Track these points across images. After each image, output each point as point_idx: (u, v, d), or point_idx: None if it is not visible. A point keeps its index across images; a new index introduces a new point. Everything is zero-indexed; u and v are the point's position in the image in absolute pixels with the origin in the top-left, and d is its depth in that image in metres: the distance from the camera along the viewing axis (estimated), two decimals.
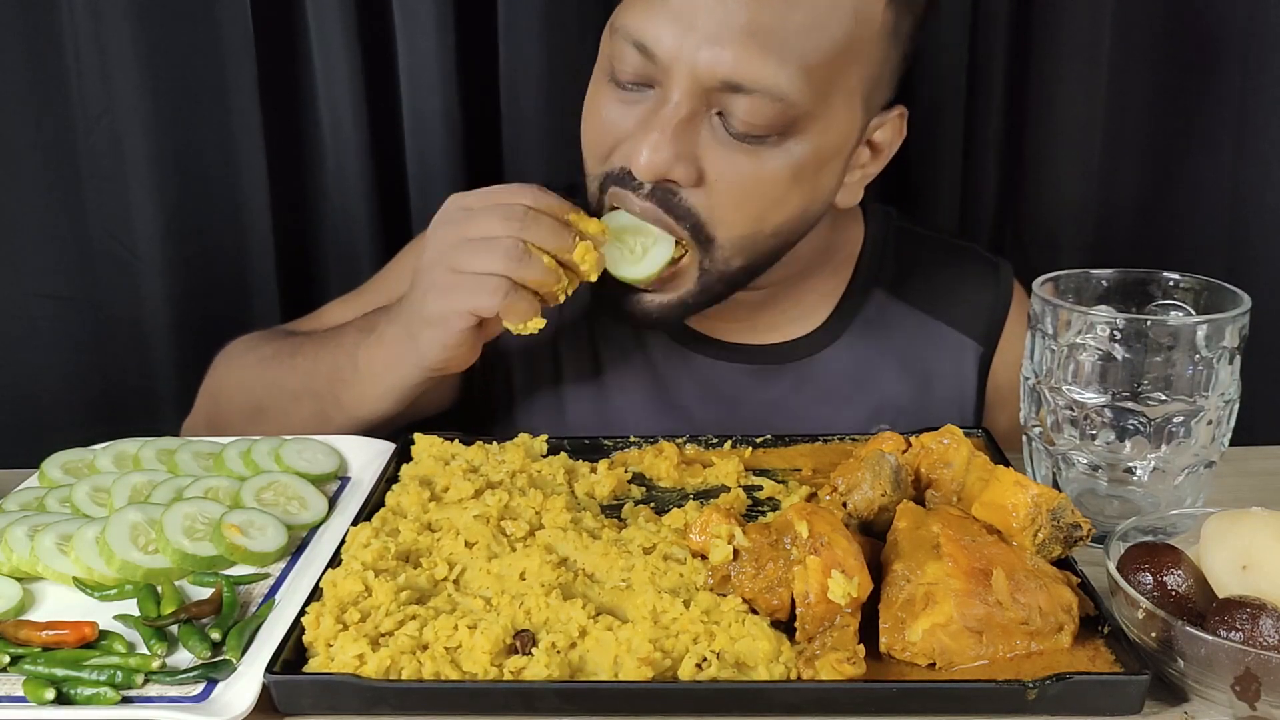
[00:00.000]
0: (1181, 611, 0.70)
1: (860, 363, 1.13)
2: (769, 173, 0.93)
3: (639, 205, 0.95)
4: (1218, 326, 0.83)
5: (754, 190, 0.94)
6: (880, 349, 1.14)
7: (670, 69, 0.90)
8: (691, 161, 0.92)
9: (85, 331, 1.44)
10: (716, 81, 0.89)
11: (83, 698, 0.68)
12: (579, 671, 0.70)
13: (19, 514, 0.88)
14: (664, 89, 0.92)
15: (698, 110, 0.91)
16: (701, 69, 0.89)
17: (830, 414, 1.12)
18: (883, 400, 1.13)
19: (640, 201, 0.95)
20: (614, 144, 0.96)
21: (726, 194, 0.94)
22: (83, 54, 1.33)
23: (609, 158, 0.97)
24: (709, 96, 0.90)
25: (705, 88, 0.90)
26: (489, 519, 0.84)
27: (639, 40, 0.90)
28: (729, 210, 0.94)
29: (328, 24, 1.33)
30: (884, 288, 1.15)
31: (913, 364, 1.14)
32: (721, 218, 0.95)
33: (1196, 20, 1.41)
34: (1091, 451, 0.88)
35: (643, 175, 0.92)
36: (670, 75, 0.90)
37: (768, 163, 0.93)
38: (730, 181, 0.93)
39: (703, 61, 0.88)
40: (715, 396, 1.13)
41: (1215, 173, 1.46)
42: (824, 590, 0.72)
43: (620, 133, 0.95)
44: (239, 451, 0.97)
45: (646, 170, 0.92)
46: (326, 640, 0.71)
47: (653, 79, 0.92)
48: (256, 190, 1.39)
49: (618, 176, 0.96)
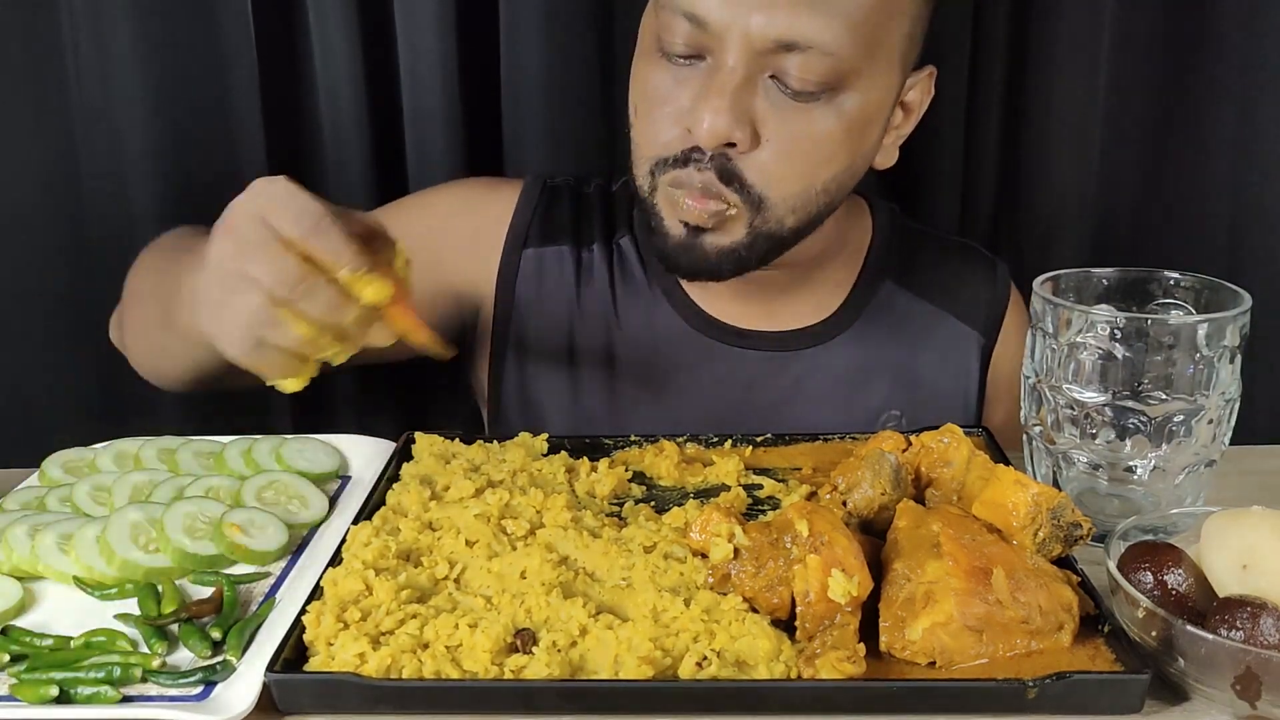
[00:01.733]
0: (1182, 610, 0.70)
1: (871, 350, 1.16)
2: (821, 129, 0.95)
3: (699, 178, 0.96)
4: (1218, 325, 0.83)
5: (808, 147, 0.96)
6: (890, 337, 1.16)
7: (723, 35, 0.91)
8: (749, 123, 0.93)
9: (85, 331, 1.44)
10: (769, 43, 0.90)
11: (83, 697, 0.68)
12: (579, 670, 0.70)
13: (19, 513, 0.88)
14: (717, 56, 0.93)
15: (752, 73, 0.92)
16: (754, 32, 0.90)
17: (841, 400, 1.14)
18: (892, 387, 1.16)
19: (700, 175, 0.95)
20: (673, 118, 0.96)
21: (782, 152, 0.95)
22: (83, 54, 1.33)
23: (667, 138, 0.97)
24: (762, 59, 0.92)
25: (758, 50, 0.91)
26: (490, 518, 0.84)
27: (689, 11, 0.91)
28: (784, 168, 0.96)
29: (328, 24, 1.33)
30: (892, 279, 1.18)
31: (921, 352, 1.17)
32: (777, 176, 0.96)
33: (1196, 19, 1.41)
34: (1092, 450, 0.88)
35: (705, 142, 0.93)
36: (724, 42, 0.91)
37: (820, 120, 0.95)
38: (785, 140, 0.95)
39: (755, 24, 0.90)
40: (730, 382, 1.15)
41: (1215, 173, 1.46)
42: (824, 589, 0.72)
43: (680, 108, 0.96)
44: (240, 450, 0.97)
45: (709, 136, 0.93)
46: (327, 639, 0.71)
47: (704, 48, 0.93)
48: None
49: (675, 159, 0.96)
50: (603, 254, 1.16)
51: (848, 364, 1.15)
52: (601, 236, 1.17)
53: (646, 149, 0.99)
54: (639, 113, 1.00)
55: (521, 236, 1.16)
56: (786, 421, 1.11)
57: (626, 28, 1.35)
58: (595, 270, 1.15)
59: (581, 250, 1.16)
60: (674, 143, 0.97)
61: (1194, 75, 1.43)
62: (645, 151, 1.00)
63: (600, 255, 1.16)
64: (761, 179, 0.96)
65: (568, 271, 1.15)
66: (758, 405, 1.14)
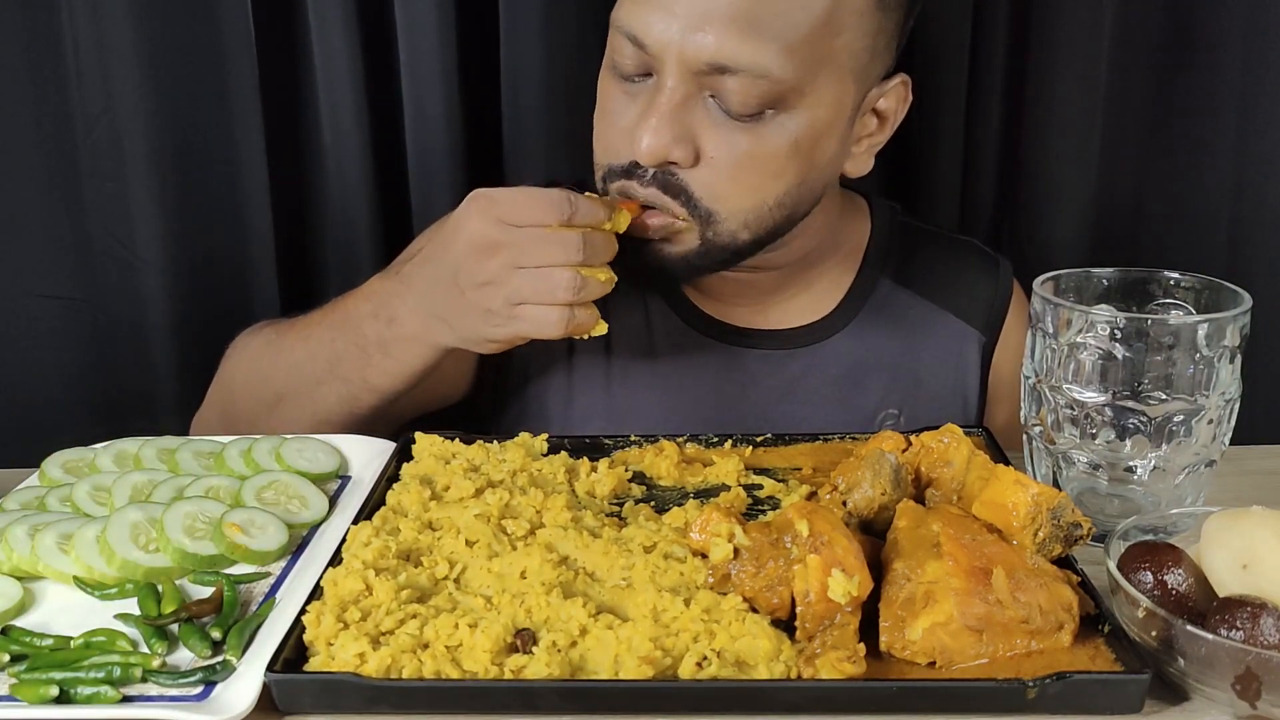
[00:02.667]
0: (1182, 610, 0.70)
1: (869, 348, 1.16)
2: (765, 148, 0.96)
3: (642, 192, 0.98)
4: (1218, 325, 0.83)
5: (750, 165, 0.97)
6: (888, 335, 1.17)
7: (661, 56, 0.93)
8: (689, 142, 0.95)
9: (85, 331, 1.44)
10: (703, 65, 0.92)
11: (83, 697, 0.68)
12: (579, 670, 0.70)
13: (19, 513, 0.88)
14: (659, 77, 0.95)
15: (691, 93, 0.94)
16: (689, 54, 0.92)
17: (839, 399, 1.15)
18: (891, 385, 1.16)
19: (643, 189, 0.98)
20: (620, 136, 0.98)
21: (724, 170, 0.97)
22: (83, 54, 1.33)
23: (616, 150, 0.99)
24: (699, 79, 0.94)
25: (694, 71, 0.93)
26: (489, 518, 0.84)
27: (631, 32, 0.94)
28: (729, 185, 0.97)
29: (328, 24, 1.33)
30: (890, 277, 1.18)
31: (919, 351, 1.17)
32: (723, 192, 0.98)
33: (1196, 19, 1.41)
34: (1092, 450, 0.88)
35: (644, 159, 0.96)
36: (662, 62, 0.94)
37: (763, 138, 0.96)
38: (728, 158, 0.96)
39: (689, 47, 0.92)
40: (728, 380, 1.15)
41: (1215, 172, 1.46)
42: (824, 589, 0.71)
43: (625, 124, 0.98)
44: (240, 450, 0.97)
45: (647, 154, 0.95)
46: (327, 639, 0.71)
47: (650, 68, 0.95)
48: (257, 190, 1.39)
49: (622, 170, 0.99)
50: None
51: (846, 362, 1.15)
52: None
53: (599, 157, 1.03)
54: (595, 124, 1.03)
55: None
56: (784, 420, 1.11)
57: None
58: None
59: None
60: (621, 155, 0.99)
61: (1194, 75, 1.43)
62: (599, 159, 1.03)
63: None
64: (708, 194, 0.97)
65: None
66: (756, 403, 1.14)
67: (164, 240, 1.39)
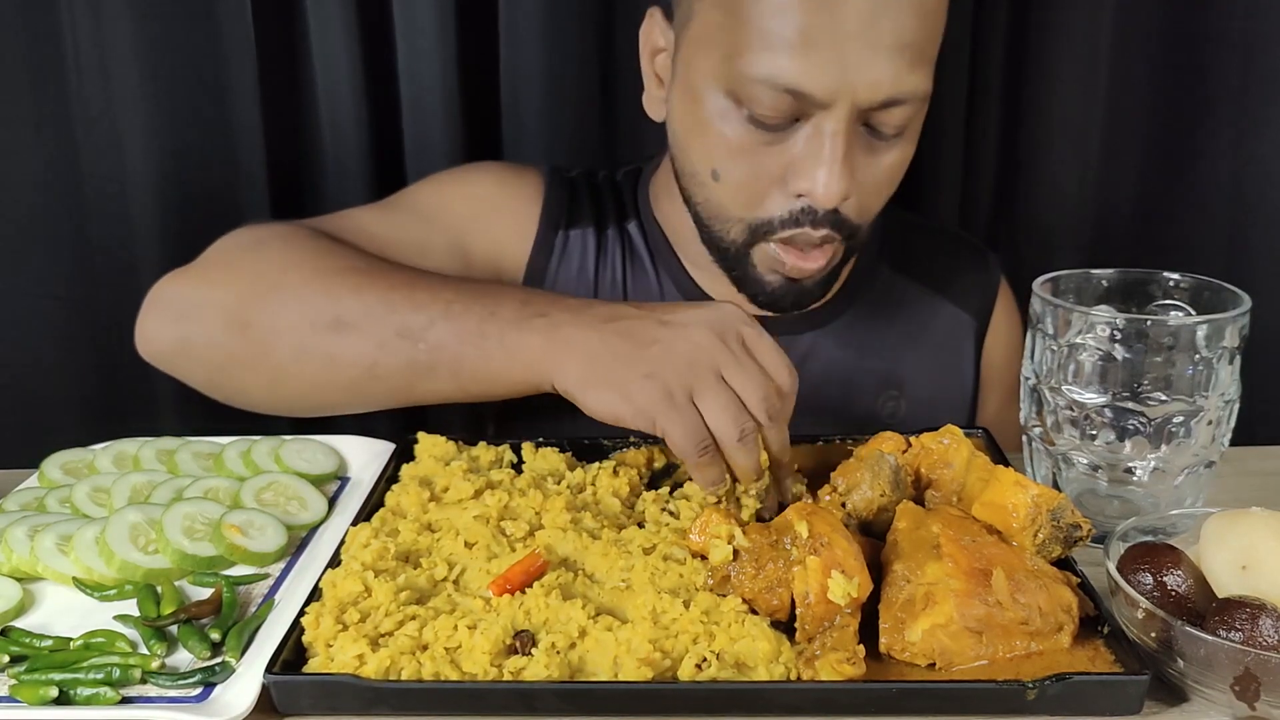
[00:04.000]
0: (1181, 611, 0.70)
1: (870, 332, 1.17)
2: (900, 157, 0.99)
3: (816, 235, 0.98)
4: (1218, 326, 0.83)
5: (890, 177, 0.99)
6: (888, 319, 1.18)
7: (830, 104, 0.91)
8: (855, 176, 0.95)
9: (85, 331, 1.44)
10: (876, 103, 0.92)
11: (82, 698, 0.68)
12: (579, 672, 0.70)
13: (19, 514, 0.88)
14: (819, 120, 0.92)
15: (854, 130, 0.94)
16: (862, 96, 0.90)
17: (842, 381, 1.16)
18: (891, 369, 1.18)
19: (817, 232, 0.97)
20: (769, 185, 0.97)
21: (873, 190, 0.99)
22: (83, 54, 1.33)
23: (765, 201, 0.98)
24: (863, 114, 0.93)
25: (864, 109, 0.92)
26: (489, 519, 0.84)
27: (791, 86, 0.90)
28: (875, 201, 1.00)
29: (328, 24, 1.33)
30: (888, 264, 1.20)
31: (917, 335, 1.19)
32: (869, 208, 1.00)
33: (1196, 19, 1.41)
34: (1091, 451, 0.88)
35: (825, 204, 0.94)
36: (829, 109, 0.91)
37: (900, 150, 0.98)
38: (875, 178, 0.98)
39: (863, 89, 0.90)
40: None
41: (1215, 173, 1.46)
42: (824, 590, 0.71)
43: (774, 172, 0.96)
44: (239, 452, 0.97)
45: (830, 198, 0.94)
46: (326, 640, 0.71)
47: (803, 114, 0.93)
48: (256, 190, 1.39)
49: (788, 220, 0.97)
50: (615, 237, 1.17)
51: (847, 347, 1.17)
52: (614, 221, 1.18)
53: (738, 211, 1.00)
54: (724, 176, 0.98)
55: (555, 217, 1.16)
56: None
57: (627, 27, 1.35)
58: (610, 254, 1.17)
59: (601, 234, 1.17)
60: (777, 207, 0.97)
61: (1193, 75, 1.43)
62: (736, 213, 1.00)
63: (614, 239, 1.17)
64: (858, 214, 0.99)
65: (590, 254, 1.16)
66: None
67: (164, 240, 1.39)
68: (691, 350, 0.82)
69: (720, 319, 0.85)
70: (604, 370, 0.83)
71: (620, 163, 1.26)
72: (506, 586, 0.76)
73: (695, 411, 0.81)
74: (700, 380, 0.81)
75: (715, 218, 1.02)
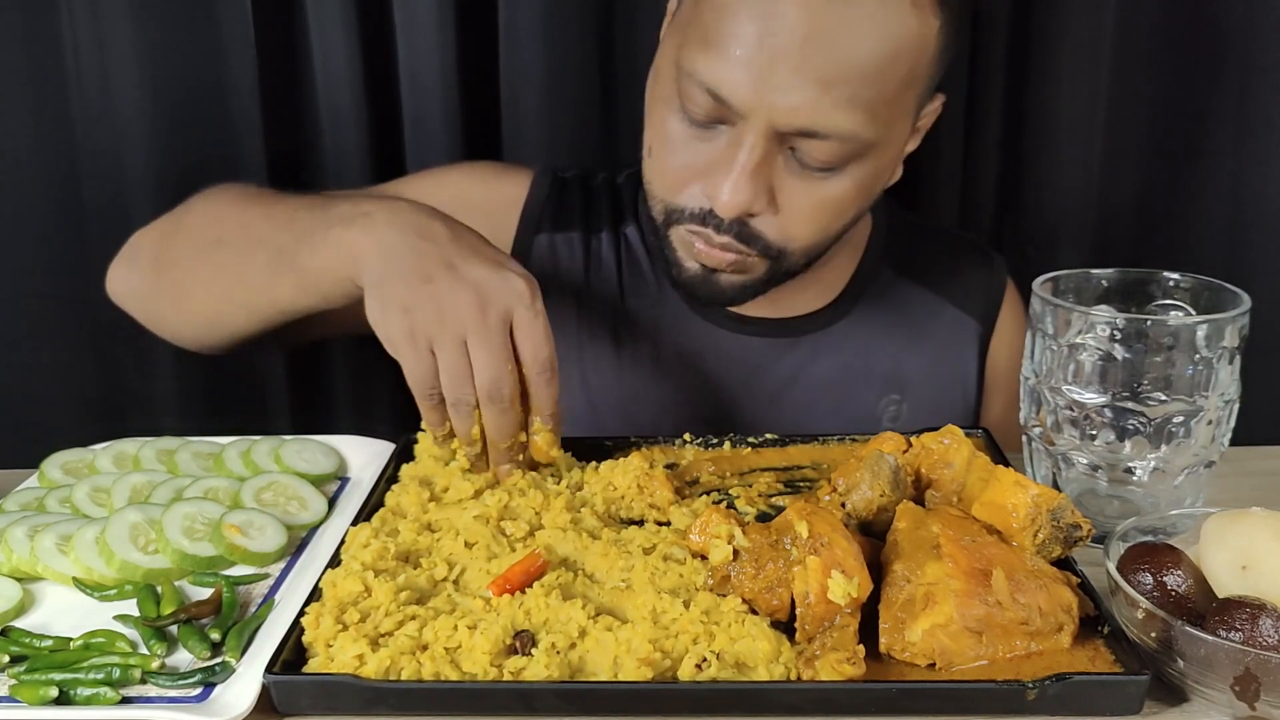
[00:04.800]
0: (1181, 611, 0.70)
1: (872, 336, 1.17)
2: (837, 193, 0.98)
3: (718, 239, 0.98)
4: (1218, 326, 0.83)
5: (823, 209, 0.99)
6: (891, 323, 1.18)
7: (746, 116, 0.92)
8: (767, 194, 0.96)
9: (85, 331, 1.44)
10: (793, 129, 0.92)
11: (82, 698, 0.68)
12: (579, 672, 0.70)
13: (19, 514, 0.88)
14: (738, 131, 0.94)
15: (772, 149, 0.94)
16: (778, 117, 0.91)
17: (844, 385, 1.16)
18: (893, 372, 1.18)
19: (719, 237, 0.98)
20: (689, 178, 0.98)
21: (799, 216, 0.98)
22: (83, 54, 1.33)
23: (682, 191, 0.99)
24: (782, 138, 0.93)
25: (780, 132, 0.92)
26: (489, 519, 0.84)
27: (714, 89, 0.92)
28: (799, 228, 0.99)
29: (328, 24, 1.33)
30: (891, 267, 1.20)
31: (920, 338, 1.19)
32: (795, 234, 0.99)
33: (1196, 20, 1.41)
34: (1091, 451, 0.88)
35: (725, 213, 0.96)
36: (746, 121, 0.92)
37: (836, 185, 0.97)
38: (802, 205, 0.97)
39: (779, 112, 0.90)
40: (733, 367, 1.16)
41: (1215, 173, 1.46)
42: (824, 590, 0.71)
43: (695, 166, 0.97)
44: (239, 452, 0.97)
45: (729, 209, 0.95)
46: (326, 640, 0.71)
47: (725, 119, 0.94)
48: None
49: (696, 215, 0.99)
50: (610, 242, 1.17)
51: (849, 350, 1.17)
52: (609, 225, 1.18)
53: (660, 191, 1.02)
54: (654, 155, 1.01)
55: (534, 221, 1.17)
56: (791, 406, 1.14)
57: (626, 27, 1.35)
58: (603, 258, 1.17)
59: (590, 238, 1.17)
60: (691, 200, 0.99)
61: (1194, 75, 1.43)
62: (658, 193, 1.02)
63: (608, 243, 1.17)
64: (780, 237, 0.99)
65: (577, 258, 1.17)
66: (761, 390, 1.16)
67: None
68: (449, 306, 0.84)
69: (495, 288, 0.85)
70: (387, 284, 0.86)
71: (619, 162, 1.26)
72: (506, 586, 0.76)
73: (431, 358, 0.85)
74: (442, 336, 0.84)
75: (647, 193, 1.04)
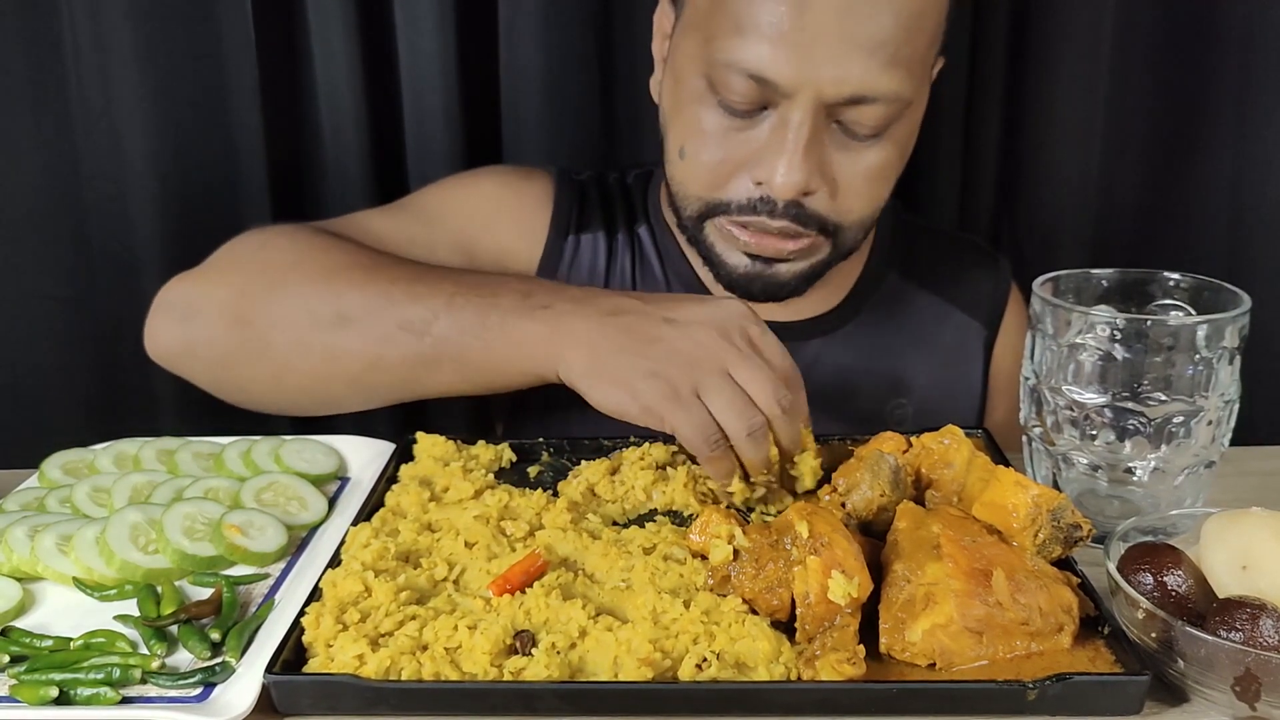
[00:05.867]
0: (1181, 612, 0.70)
1: (877, 339, 1.17)
2: (884, 160, 0.99)
3: (775, 225, 0.98)
4: (1218, 327, 0.83)
5: (875, 178, 0.99)
6: (895, 326, 1.18)
7: (792, 94, 0.92)
8: (821, 171, 0.96)
9: (85, 331, 1.44)
10: (841, 99, 0.92)
11: (82, 698, 0.68)
12: (579, 672, 0.70)
13: (19, 514, 0.88)
14: (784, 110, 0.94)
15: (820, 125, 0.94)
16: (827, 89, 0.91)
17: (848, 389, 1.16)
18: (898, 375, 1.18)
19: (775, 222, 0.98)
20: (732, 170, 0.98)
21: (851, 189, 0.99)
22: (83, 54, 1.33)
23: (725, 185, 0.99)
24: (830, 110, 0.94)
25: (829, 104, 0.93)
26: (489, 519, 0.84)
27: (756, 73, 0.92)
28: (854, 202, 1.00)
29: (328, 24, 1.33)
30: (897, 271, 1.20)
31: (925, 342, 1.19)
32: (848, 208, 1.00)
33: (1196, 20, 1.41)
34: (1091, 452, 0.88)
35: (783, 195, 0.95)
36: (791, 100, 0.92)
37: (881, 152, 0.98)
38: (854, 177, 0.98)
39: (827, 83, 0.91)
40: None
41: (1215, 173, 1.46)
42: (824, 590, 0.71)
43: (737, 158, 0.97)
44: (239, 452, 0.97)
45: (786, 190, 0.95)
46: (326, 640, 0.71)
47: (768, 103, 0.94)
48: (257, 190, 1.39)
49: (745, 206, 0.98)
50: (625, 242, 1.17)
51: (854, 353, 1.17)
52: (624, 225, 1.18)
53: (699, 190, 1.01)
54: (689, 155, 1.00)
55: (564, 222, 1.17)
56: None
57: (626, 27, 1.36)
58: (620, 257, 1.17)
59: (611, 239, 1.17)
60: (737, 191, 0.98)
61: (1194, 75, 1.43)
62: (694, 191, 1.01)
63: (624, 243, 1.17)
64: (835, 214, 0.99)
65: (600, 258, 1.17)
66: None
67: (163, 240, 1.39)
68: (694, 349, 0.83)
69: (725, 316, 0.86)
70: (609, 364, 0.84)
71: (620, 163, 1.26)
72: (506, 586, 0.76)
73: (703, 407, 0.82)
74: (706, 378, 0.83)
75: (679, 195, 1.04)
